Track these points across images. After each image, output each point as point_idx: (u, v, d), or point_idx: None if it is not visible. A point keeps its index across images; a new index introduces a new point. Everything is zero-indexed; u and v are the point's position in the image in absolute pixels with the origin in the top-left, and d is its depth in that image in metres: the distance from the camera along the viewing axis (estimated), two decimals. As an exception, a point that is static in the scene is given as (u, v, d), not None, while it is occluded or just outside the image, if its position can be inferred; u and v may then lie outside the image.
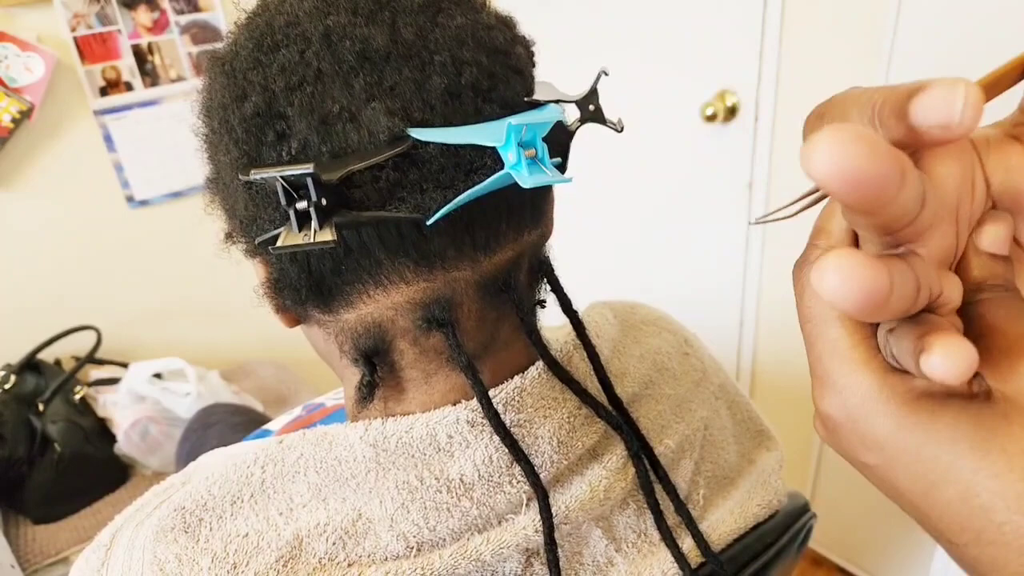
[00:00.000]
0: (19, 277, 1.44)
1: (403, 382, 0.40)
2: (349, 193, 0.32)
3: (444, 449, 0.38)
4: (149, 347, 1.55)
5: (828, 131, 0.15)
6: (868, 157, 0.15)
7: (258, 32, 0.33)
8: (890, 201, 0.17)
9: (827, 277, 0.17)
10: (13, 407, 1.28)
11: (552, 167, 0.33)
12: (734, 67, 1.25)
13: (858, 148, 0.15)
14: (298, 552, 0.37)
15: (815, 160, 0.15)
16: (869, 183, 0.16)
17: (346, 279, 0.35)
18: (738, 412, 0.56)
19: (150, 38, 1.47)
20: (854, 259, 0.16)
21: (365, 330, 0.37)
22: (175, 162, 1.54)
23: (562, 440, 0.41)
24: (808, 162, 0.16)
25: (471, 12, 0.35)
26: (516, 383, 0.40)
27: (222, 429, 1.03)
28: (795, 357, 1.39)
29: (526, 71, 0.36)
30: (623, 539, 0.45)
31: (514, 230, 0.37)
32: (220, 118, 0.34)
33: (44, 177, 1.41)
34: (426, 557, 0.38)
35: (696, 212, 1.44)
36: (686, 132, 1.37)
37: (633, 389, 0.48)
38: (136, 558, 0.38)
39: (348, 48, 0.32)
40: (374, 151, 0.31)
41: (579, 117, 0.37)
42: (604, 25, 1.45)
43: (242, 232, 0.37)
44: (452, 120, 0.32)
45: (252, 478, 0.40)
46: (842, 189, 0.16)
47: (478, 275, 0.36)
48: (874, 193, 0.16)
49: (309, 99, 0.32)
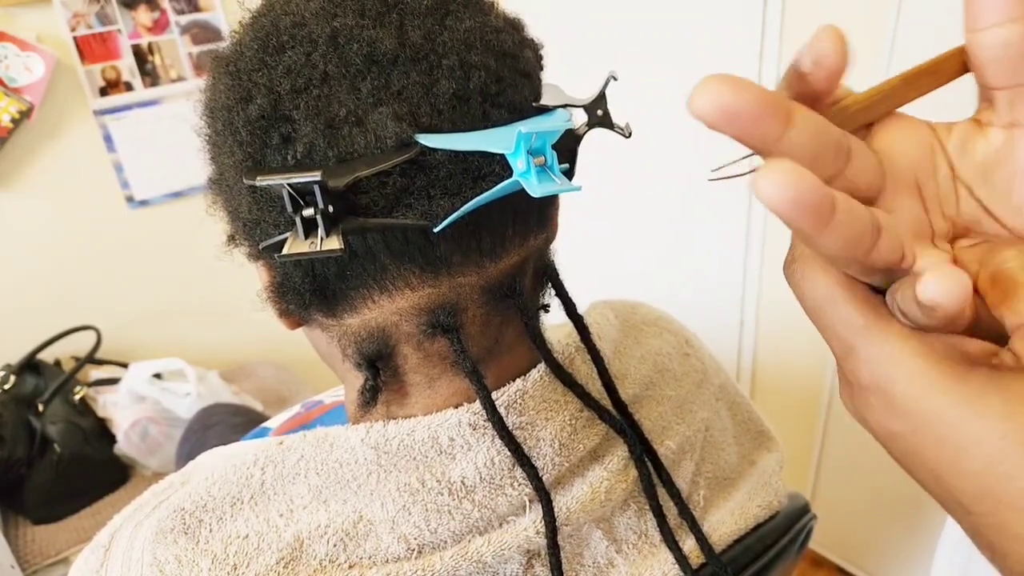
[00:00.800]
0: (19, 277, 1.44)
1: (406, 386, 0.39)
2: (356, 199, 0.31)
3: (446, 451, 0.38)
4: (149, 347, 1.55)
5: (704, 78, 0.18)
6: (733, 92, 0.18)
7: (263, 33, 0.33)
8: (777, 138, 0.20)
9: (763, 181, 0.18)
10: (13, 408, 1.28)
11: (561, 175, 0.32)
12: (734, 67, 1.25)
13: (724, 86, 0.18)
14: (299, 554, 0.37)
15: (691, 101, 0.18)
16: (741, 116, 0.19)
17: (351, 284, 0.35)
18: (738, 413, 0.56)
19: (150, 38, 1.47)
20: (791, 166, 0.18)
21: (369, 335, 0.37)
22: (175, 162, 1.54)
23: (563, 442, 0.41)
24: (689, 105, 0.19)
25: (479, 14, 0.34)
26: (518, 386, 0.40)
27: (222, 430, 1.03)
28: (795, 357, 1.39)
29: (534, 74, 0.36)
30: (624, 540, 0.45)
31: (520, 235, 0.37)
32: (224, 119, 0.33)
33: (44, 177, 1.41)
34: (427, 559, 0.38)
35: (696, 212, 1.44)
36: (686, 132, 1.37)
37: (634, 390, 0.47)
38: (135, 559, 0.38)
39: (355, 51, 0.31)
40: (381, 156, 0.31)
41: (587, 122, 0.37)
42: (604, 25, 1.45)
43: (245, 235, 0.36)
44: (460, 125, 0.32)
45: (252, 479, 0.40)
46: (717, 122, 0.19)
47: (484, 280, 0.36)
48: (750, 125, 0.19)
49: (315, 102, 0.31)
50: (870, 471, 1.32)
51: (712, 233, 1.43)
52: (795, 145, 0.20)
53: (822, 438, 1.39)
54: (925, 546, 1.29)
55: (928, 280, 0.19)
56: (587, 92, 0.37)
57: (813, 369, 1.34)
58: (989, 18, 0.21)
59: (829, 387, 1.33)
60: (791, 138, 0.20)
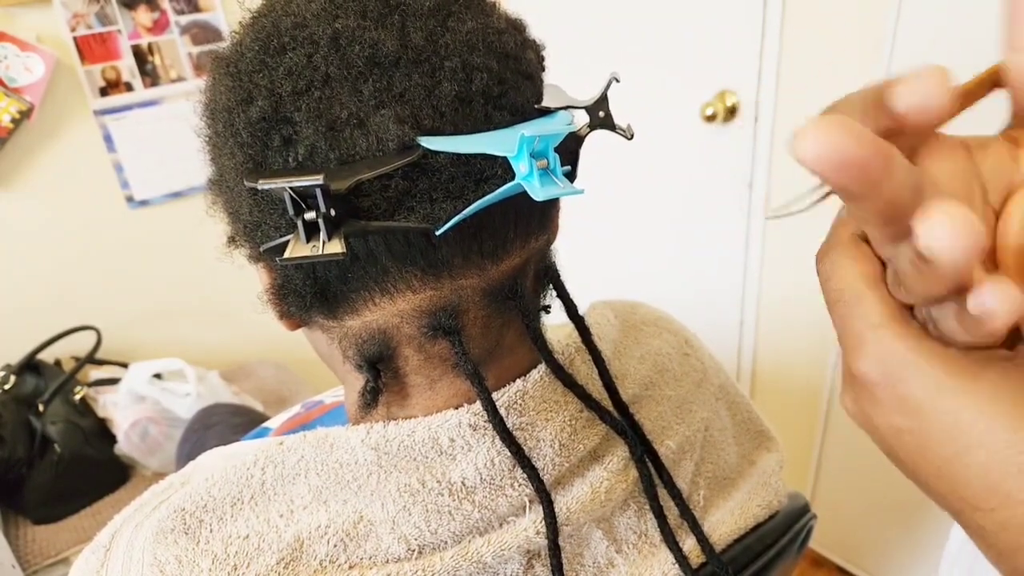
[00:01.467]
0: (19, 277, 1.44)
1: (407, 388, 0.39)
2: (357, 202, 0.31)
3: (446, 452, 0.38)
4: (149, 347, 1.55)
5: (814, 120, 0.17)
6: (848, 139, 0.17)
7: (264, 33, 0.33)
8: (877, 184, 0.18)
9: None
10: (13, 408, 1.28)
11: (563, 178, 0.32)
12: (734, 67, 1.25)
13: (838, 132, 0.17)
14: (299, 554, 0.37)
15: (802, 146, 0.17)
16: (851, 164, 0.17)
17: (352, 287, 0.35)
18: (738, 413, 0.56)
19: (150, 38, 1.47)
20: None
21: (370, 336, 0.37)
22: (175, 162, 1.54)
23: (564, 443, 0.41)
24: (797, 149, 0.17)
25: (481, 16, 0.34)
26: (518, 386, 0.40)
27: (222, 430, 1.03)
28: (795, 357, 1.39)
29: (536, 76, 0.36)
30: (624, 540, 0.45)
31: (522, 237, 0.37)
32: (224, 121, 0.33)
33: (44, 177, 1.41)
34: (427, 559, 0.38)
35: (696, 212, 1.44)
36: (686, 132, 1.37)
37: (634, 390, 0.48)
38: (136, 559, 0.38)
39: (357, 52, 0.31)
40: (383, 158, 0.31)
41: (588, 123, 0.37)
42: (605, 26, 1.45)
43: (246, 237, 0.36)
44: (462, 127, 0.32)
45: (252, 480, 0.40)
46: (828, 170, 0.18)
47: (485, 282, 0.36)
48: (858, 174, 0.18)
49: (316, 104, 0.31)
50: (870, 471, 1.32)
51: (712, 233, 1.43)
52: (892, 190, 0.19)
53: (822, 438, 1.39)
54: (925, 545, 1.29)
55: (985, 291, 0.18)
56: (589, 93, 0.37)
57: (813, 369, 1.34)
58: None
59: (829, 387, 1.33)
60: (890, 183, 0.18)
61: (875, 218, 0.20)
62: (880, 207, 0.19)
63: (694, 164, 1.40)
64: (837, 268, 0.24)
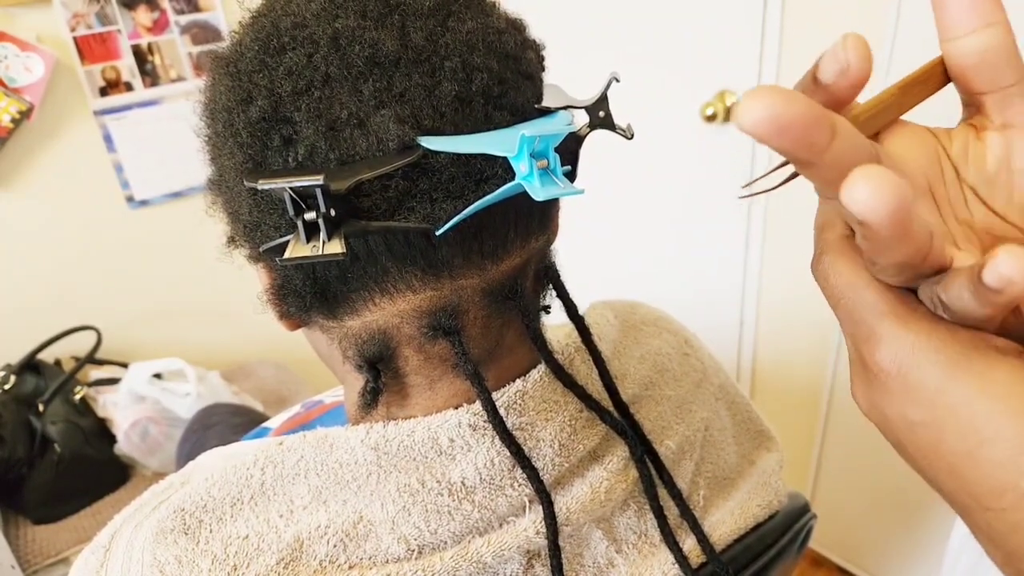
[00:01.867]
0: (19, 277, 1.44)
1: (407, 388, 0.39)
2: (358, 202, 0.31)
3: (445, 452, 0.38)
4: (149, 347, 1.55)
5: (752, 89, 0.18)
6: (779, 101, 0.18)
7: (264, 33, 0.33)
8: (822, 149, 0.19)
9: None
10: (13, 408, 1.28)
11: (563, 178, 0.32)
12: (734, 67, 1.25)
13: (771, 96, 0.18)
14: (298, 554, 0.37)
15: (741, 115, 0.18)
16: (789, 126, 0.18)
17: (352, 287, 0.35)
18: (738, 413, 0.56)
19: (150, 38, 1.47)
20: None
21: (370, 337, 0.37)
22: (175, 162, 1.54)
23: (563, 443, 0.41)
24: (737, 119, 0.18)
25: (482, 16, 0.34)
26: (518, 386, 0.40)
27: (222, 430, 1.03)
28: (795, 357, 1.39)
29: (536, 76, 0.36)
30: (623, 540, 0.45)
31: (522, 237, 0.37)
32: (224, 121, 0.33)
33: (44, 177, 1.41)
34: (427, 559, 0.38)
35: (696, 212, 1.44)
36: (686, 132, 1.37)
37: (634, 390, 0.48)
38: (135, 559, 0.38)
39: (357, 52, 0.31)
40: (383, 159, 0.31)
41: (588, 123, 0.37)
42: (604, 25, 1.45)
43: (245, 237, 0.36)
44: (462, 127, 0.32)
45: (252, 480, 0.40)
46: (768, 134, 0.18)
47: (485, 282, 0.36)
48: (800, 136, 0.18)
49: (316, 104, 0.31)
50: (870, 471, 1.32)
51: (712, 233, 1.43)
52: (838, 156, 0.19)
53: (822, 438, 1.39)
54: (925, 545, 1.29)
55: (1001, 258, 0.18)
56: (589, 93, 0.37)
57: (813, 369, 1.34)
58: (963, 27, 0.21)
59: (829, 387, 1.33)
60: (835, 149, 0.19)
61: (828, 190, 0.20)
62: (831, 176, 0.19)
63: (694, 164, 1.40)
64: (833, 269, 0.24)
